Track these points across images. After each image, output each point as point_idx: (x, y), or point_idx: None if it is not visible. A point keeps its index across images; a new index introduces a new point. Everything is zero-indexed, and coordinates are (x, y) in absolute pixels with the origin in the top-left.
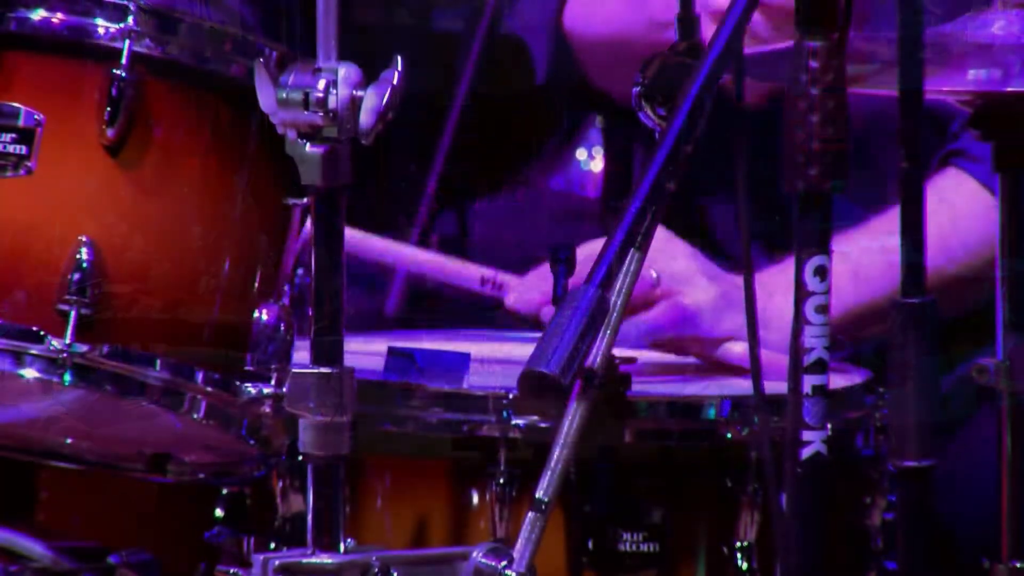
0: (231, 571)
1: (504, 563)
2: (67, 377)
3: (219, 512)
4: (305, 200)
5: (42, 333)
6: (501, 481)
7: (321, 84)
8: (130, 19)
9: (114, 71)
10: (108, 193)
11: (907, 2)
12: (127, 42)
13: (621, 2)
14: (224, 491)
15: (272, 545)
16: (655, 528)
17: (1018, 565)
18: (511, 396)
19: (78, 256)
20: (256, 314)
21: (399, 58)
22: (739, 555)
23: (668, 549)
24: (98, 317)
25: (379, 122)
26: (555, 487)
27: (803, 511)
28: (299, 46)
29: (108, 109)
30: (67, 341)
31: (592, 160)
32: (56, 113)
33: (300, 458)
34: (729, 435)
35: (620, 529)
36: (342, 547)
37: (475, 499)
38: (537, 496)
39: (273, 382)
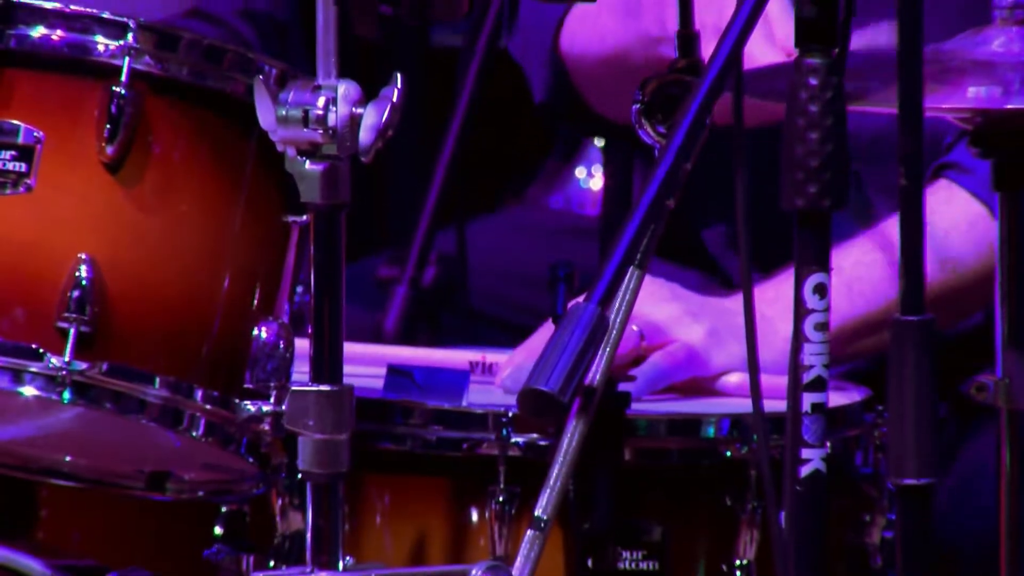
0: None
1: None
2: (66, 395)
3: (218, 530)
4: (304, 217)
5: (41, 351)
6: (500, 499)
7: (321, 101)
8: (130, 36)
9: (114, 88)
10: (108, 210)
11: (907, 17)
12: (127, 59)
13: (613, 19)
14: (223, 509)
15: (271, 563)
16: (654, 546)
17: None
18: (511, 414)
19: (77, 273)
20: (255, 332)
21: (399, 75)
22: (738, 573)
23: (667, 567)
24: (97, 335)
25: (379, 139)
26: (554, 505)
27: (802, 529)
28: (299, 63)
29: (108, 126)
30: (66, 359)
31: (591, 178)
32: (56, 130)
33: (299, 476)
34: (728, 453)
35: (619, 547)
36: (341, 565)
37: (474, 517)
38: (536, 514)
39: (272, 400)
